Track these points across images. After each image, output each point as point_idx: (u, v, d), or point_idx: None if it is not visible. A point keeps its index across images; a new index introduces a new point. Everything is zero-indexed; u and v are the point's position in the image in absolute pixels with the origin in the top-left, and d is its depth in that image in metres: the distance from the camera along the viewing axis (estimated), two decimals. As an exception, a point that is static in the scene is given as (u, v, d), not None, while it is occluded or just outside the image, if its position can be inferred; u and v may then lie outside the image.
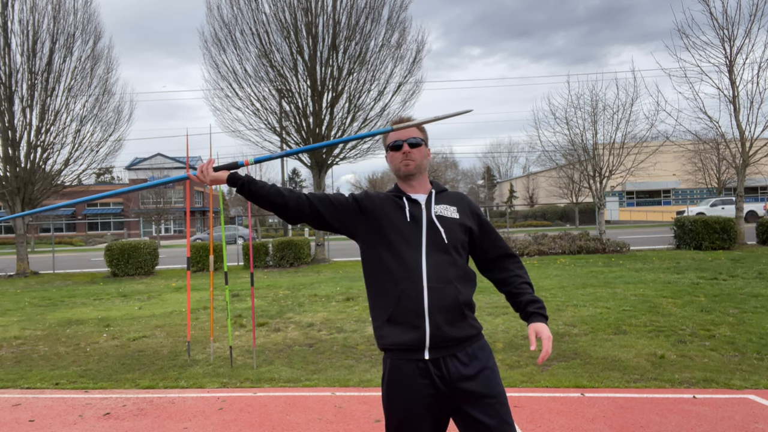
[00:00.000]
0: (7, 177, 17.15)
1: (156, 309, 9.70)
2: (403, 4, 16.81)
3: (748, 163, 16.88)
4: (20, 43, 16.83)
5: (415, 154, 2.17)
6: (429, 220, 2.10)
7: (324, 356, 6.02)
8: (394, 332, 2.01)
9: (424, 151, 2.22)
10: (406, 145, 2.16)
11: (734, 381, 4.64)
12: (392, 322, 2.02)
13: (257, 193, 2.10)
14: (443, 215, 2.12)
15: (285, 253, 16.30)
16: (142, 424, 4.29)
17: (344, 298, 9.75)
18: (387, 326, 2.04)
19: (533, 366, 5.27)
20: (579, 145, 17.96)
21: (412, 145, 2.17)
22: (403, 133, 2.19)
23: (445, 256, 2.05)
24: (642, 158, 17.43)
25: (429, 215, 2.11)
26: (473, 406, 1.97)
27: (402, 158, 2.17)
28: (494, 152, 73.49)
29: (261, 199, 2.10)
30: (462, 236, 2.13)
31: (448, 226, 2.10)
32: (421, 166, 2.20)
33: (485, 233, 2.22)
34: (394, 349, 2.04)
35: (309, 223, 2.15)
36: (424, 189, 2.22)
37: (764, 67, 15.98)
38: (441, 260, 2.03)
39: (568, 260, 14.64)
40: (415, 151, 2.18)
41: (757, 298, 8.15)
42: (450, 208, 2.16)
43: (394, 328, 2.01)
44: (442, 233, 2.07)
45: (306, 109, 16.87)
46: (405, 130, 2.18)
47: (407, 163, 2.17)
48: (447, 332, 1.98)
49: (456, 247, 2.09)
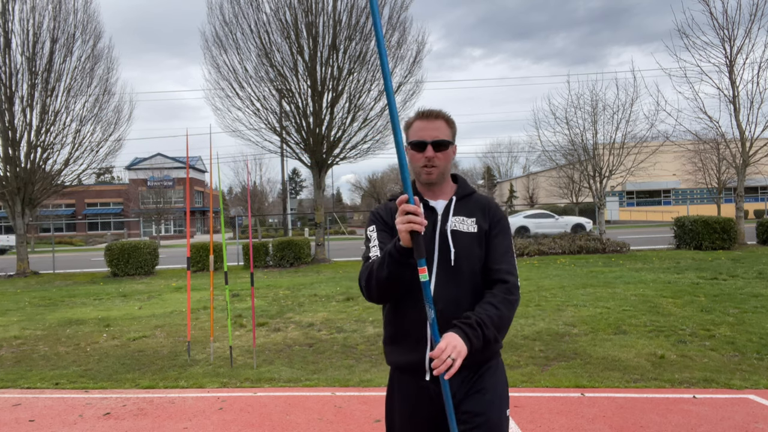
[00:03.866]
0: (7, 177, 17.15)
1: (156, 309, 9.70)
2: (403, 5, 16.82)
3: (748, 163, 16.88)
4: (20, 44, 16.85)
5: (439, 158, 1.87)
6: (442, 234, 1.85)
7: (324, 356, 6.02)
8: (396, 351, 1.91)
9: (450, 152, 1.91)
10: (430, 147, 1.85)
11: (734, 381, 4.64)
12: (394, 341, 1.91)
13: (403, 277, 1.73)
14: (458, 229, 1.86)
15: (285, 253, 16.30)
16: (142, 424, 4.29)
17: (344, 298, 9.75)
18: (389, 345, 1.94)
19: (533, 366, 5.27)
20: (579, 145, 17.98)
21: (437, 146, 1.86)
22: (429, 129, 1.87)
23: (454, 276, 1.82)
24: (642, 158, 17.44)
25: (443, 229, 1.86)
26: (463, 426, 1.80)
27: (423, 162, 1.87)
28: (494, 152, 73.45)
29: (401, 282, 1.75)
30: (479, 252, 1.86)
31: (462, 243, 1.84)
32: (446, 171, 1.92)
33: (491, 244, 1.89)
34: (396, 367, 1.95)
35: None
36: (446, 194, 1.95)
37: (764, 67, 15.99)
38: (450, 281, 1.82)
39: (568, 260, 14.64)
40: (440, 155, 1.87)
41: (757, 298, 8.15)
42: (468, 221, 1.88)
43: (396, 348, 1.90)
44: (452, 252, 1.82)
45: (306, 109, 16.87)
46: (432, 125, 1.87)
47: (430, 171, 1.88)
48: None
49: (469, 266, 1.84)
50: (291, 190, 63.31)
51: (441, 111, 1.91)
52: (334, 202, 73.01)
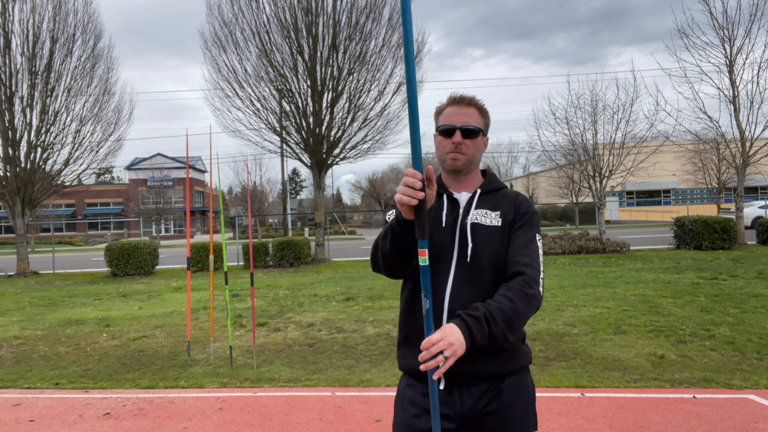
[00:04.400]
0: (7, 177, 17.15)
1: (156, 309, 9.70)
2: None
3: (748, 163, 16.87)
4: (20, 44, 16.85)
5: (467, 146, 1.75)
6: (462, 227, 1.71)
7: (324, 356, 6.02)
8: (409, 355, 1.73)
9: (480, 142, 1.79)
10: (458, 133, 1.73)
11: (734, 381, 4.64)
12: (408, 344, 1.76)
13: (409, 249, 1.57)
14: (480, 222, 1.71)
15: (285, 253, 16.30)
16: (142, 424, 4.29)
17: (344, 298, 9.75)
18: (402, 348, 1.80)
19: (533, 366, 5.27)
20: (579, 145, 17.97)
21: (466, 133, 1.74)
22: (460, 114, 1.75)
23: (473, 274, 1.67)
24: (642, 158, 17.43)
25: (463, 222, 1.72)
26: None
27: (450, 148, 1.75)
28: (494, 152, 73.39)
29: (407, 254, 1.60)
30: (500, 247, 1.70)
31: (483, 237, 1.69)
32: (473, 161, 1.79)
33: (512, 236, 1.72)
34: (408, 373, 1.79)
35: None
36: (471, 186, 1.81)
37: (764, 67, 15.99)
38: (468, 279, 1.67)
39: (568, 260, 14.64)
40: (469, 142, 1.75)
41: (757, 298, 8.15)
42: (492, 214, 1.73)
43: (409, 351, 1.73)
44: (469, 248, 1.68)
45: (306, 109, 16.87)
46: (462, 111, 1.76)
47: (456, 157, 1.75)
48: (466, 367, 1.61)
49: (491, 263, 1.68)
50: (291, 190, 63.29)
51: (474, 98, 1.79)
52: (334, 202, 73.01)
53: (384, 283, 11.53)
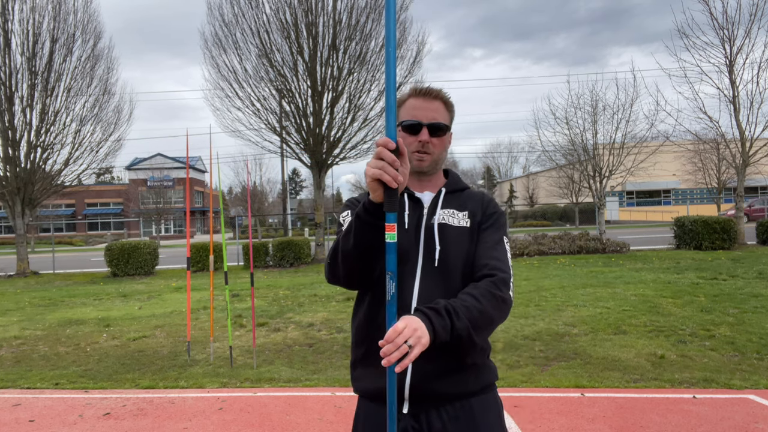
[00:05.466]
0: (7, 177, 17.15)
1: (156, 309, 9.70)
2: (404, 5, 16.81)
3: (748, 163, 16.87)
4: (20, 44, 16.85)
5: (435, 144, 1.59)
6: (428, 229, 1.55)
7: (324, 356, 6.02)
8: (367, 375, 1.54)
9: (446, 139, 1.64)
10: (425, 130, 1.57)
11: (734, 381, 4.64)
12: (367, 361, 1.54)
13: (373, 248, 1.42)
14: (447, 223, 1.57)
15: (285, 253, 16.29)
16: (142, 424, 4.29)
17: (344, 298, 9.75)
18: (360, 366, 1.58)
19: (533, 366, 5.27)
20: (579, 145, 17.97)
21: (434, 130, 1.58)
22: (426, 109, 1.58)
23: (441, 279, 1.51)
24: (642, 158, 17.43)
25: (429, 223, 1.56)
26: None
27: (416, 147, 1.58)
28: (494, 152, 73.49)
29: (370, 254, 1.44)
30: (469, 248, 1.56)
31: (451, 238, 1.55)
32: (440, 161, 1.64)
33: (481, 236, 1.59)
34: (367, 396, 1.58)
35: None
36: (434, 186, 1.66)
37: (764, 67, 15.98)
38: (436, 284, 1.50)
39: (568, 260, 14.64)
40: (436, 140, 1.59)
41: (757, 298, 8.15)
42: (459, 214, 1.59)
43: (368, 370, 1.53)
44: (437, 251, 1.52)
45: (306, 109, 16.87)
46: (428, 105, 1.59)
47: (421, 157, 1.59)
48: (435, 385, 1.47)
49: (460, 266, 1.54)
50: (291, 190, 63.27)
51: (441, 90, 1.63)
52: (334, 202, 72.98)
53: (384, 283, 11.52)
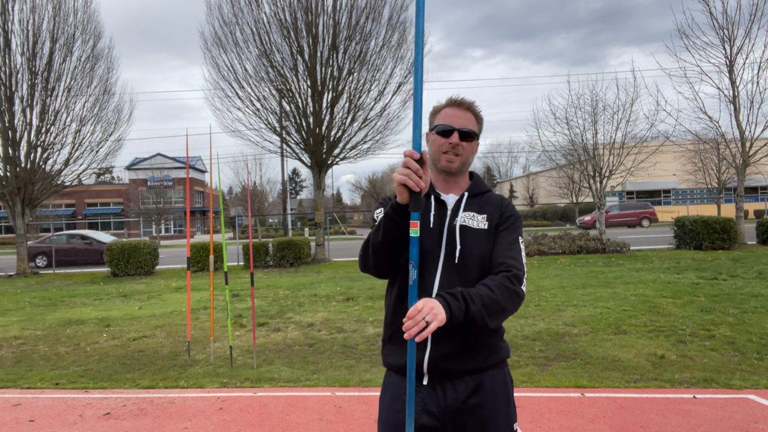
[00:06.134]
0: (7, 177, 17.16)
1: (156, 309, 9.70)
2: (403, 5, 16.80)
3: (748, 163, 16.88)
4: (20, 44, 16.86)
5: (464, 148, 1.80)
6: (450, 230, 1.77)
7: (324, 356, 6.02)
8: (394, 353, 1.80)
9: (474, 145, 1.84)
10: (456, 134, 1.77)
11: (734, 381, 4.64)
12: (393, 341, 1.80)
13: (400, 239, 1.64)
14: (468, 225, 1.77)
15: (285, 253, 16.30)
16: (142, 424, 4.29)
17: (344, 298, 9.75)
18: (389, 344, 1.85)
19: (533, 366, 5.27)
20: (579, 145, 17.96)
21: (464, 135, 1.79)
22: (459, 117, 1.80)
23: (460, 275, 1.72)
24: (642, 158, 17.43)
25: (451, 224, 1.78)
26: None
27: (447, 148, 1.79)
28: (494, 152, 73.47)
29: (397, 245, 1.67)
30: (486, 249, 1.77)
31: (470, 239, 1.75)
32: (467, 164, 1.84)
33: (498, 237, 1.80)
34: (393, 369, 1.84)
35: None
36: (458, 188, 1.86)
37: (764, 67, 15.99)
38: (455, 280, 1.71)
39: (568, 260, 14.64)
40: (466, 144, 1.80)
41: (757, 298, 8.15)
42: (478, 217, 1.79)
43: (395, 348, 1.79)
44: (457, 249, 1.73)
45: (306, 109, 16.87)
46: (461, 114, 1.80)
47: (451, 159, 1.79)
48: (449, 363, 1.72)
49: (478, 264, 1.74)
50: (291, 190, 63.27)
51: (473, 103, 1.85)
52: (334, 202, 72.99)
53: (384, 283, 11.52)
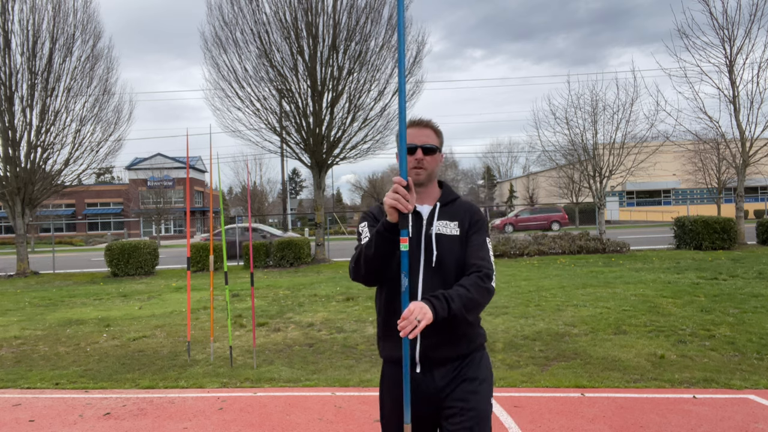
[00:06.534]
0: (7, 177, 17.15)
1: (156, 309, 9.70)
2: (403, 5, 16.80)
3: (748, 163, 16.88)
4: (20, 43, 16.84)
5: (427, 161, 2.05)
6: (427, 238, 2.00)
7: (324, 356, 6.02)
8: (389, 347, 2.05)
9: (437, 157, 2.10)
10: (420, 150, 2.03)
11: (734, 381, 4.64)
12: (387, 337, 2.05)
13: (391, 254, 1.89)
14: (442, 233, 2.01)
15: (285, 253, 16.30)
16: (142, 424, 4.29)
17: (344, 298, 9.75)
18: (383, 340, 2.09)
19: (533, 366, 5.27)
20: (579, 145, 17.96)
21: (426, 150, 2.04)
22: (419, 135, 2.06)
23: (440, 277, 1.96)
24: (642, 158, 17.43)
25: (428, 232, 2.00)
26: (449, 417, 1.95)
27: (413, 164, 2.04)
28: (494, 152, 73.48)
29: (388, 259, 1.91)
30: (460, 254, 2.01)
31: (445, 246, 1.99)
32: (432, 175, 2.10)
33: (468, 240, 2.04)
34: (389, 360, 2.09)
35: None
36: (431, 198, 2.10)
37: (764, 67, 16.00)
38: (436, 282, 1.96)
39: (568, 260, 14.64)
40: (429, 158, 2.06)
41: (757, 298, 8.15)
42: (451, 224, 2.03)
43: (389, 343, 2.04)
44: (434, 255, 1.97)
45: (306, 109, 16.86)
46: (421, 132, 2.07)
47: (417, 172, 2.05)
48: (437, 353, 1.98)
49: (454, 265, 1.99)
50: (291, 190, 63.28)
51: (430, 121, 2.11)
52: (334, 202, 72.96)
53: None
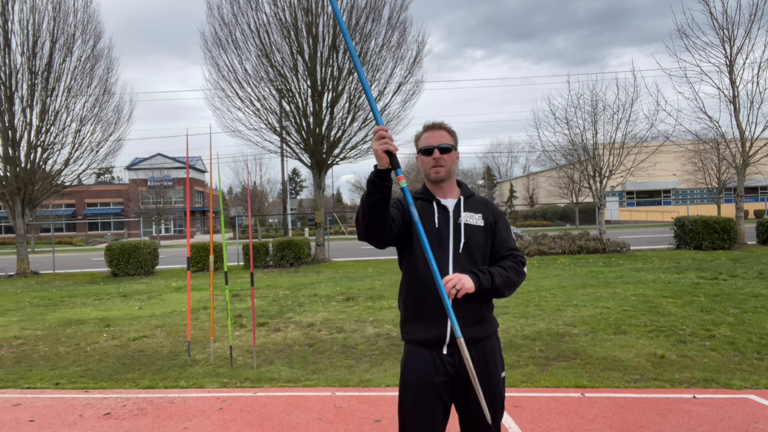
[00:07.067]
0: (7, 177, 17.15)
1: (156, 309, 9.70)
2: (403, 5, 16.80)
3: (748, 163, 16.88)
4: (20, 43, 16.85)
5: (445, 159, 2.26)
6: (456, 227, 2.22)
7: (324, 356, 6.02)
8: (418, 329, 2.20)
9: (453, 155, 2.31)
10: (436, 150, 2.25)
11: (734, 381, 4.64)
12: (416, 319, 2.20)
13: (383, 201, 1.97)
14: (469, 223, 2.24)
15: (285, 253, 16.30)
16: (142, 424, 4.29)
17: (344, 298, 9.75)
18: (411, 323, 2.23)
19: (533, 366, 5.27)
20: (579, 145, 17.96)
21: (442, 150, 2.26)
22: (435, 137, 2.28)
23: (469, 262, 2.18)
24: (642, 158, 17.43)
25: (456, 222, 2.23)
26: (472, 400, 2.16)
27: (432, 163, 2.26)
28: (494, 152, 73.48)
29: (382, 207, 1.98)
30: (484, 242, 2.25)
31: (472, 234, 2.22)
32: (451, 171, 2.30)
33: (498, 232, 2.30)
34: (416, 343, 2.21)
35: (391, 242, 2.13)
36: (453, 193, 2.32)
37: (764, 67, 16.00)
38: (465, 266, 2.16)
39: (568, 260, 14.64)
40: (446, 156, 2.26)
41: (757, 298, 8.15)
42: (475, 216, 2.27)
43: (418, 325, 2.19)
44: (462, 242, 2.19)
45: (306, 109, 16.86)
46: (436, 134, 2.28)
47: (437, 170, 2.26)
48: (467, 332, 2.11)
49: (480, 253, 2.22)
50: (291, 190, 63.26)
51: (443, 123, 2.32)
52: (334, 202, 72.95)
53: (384, 284, 11.53)
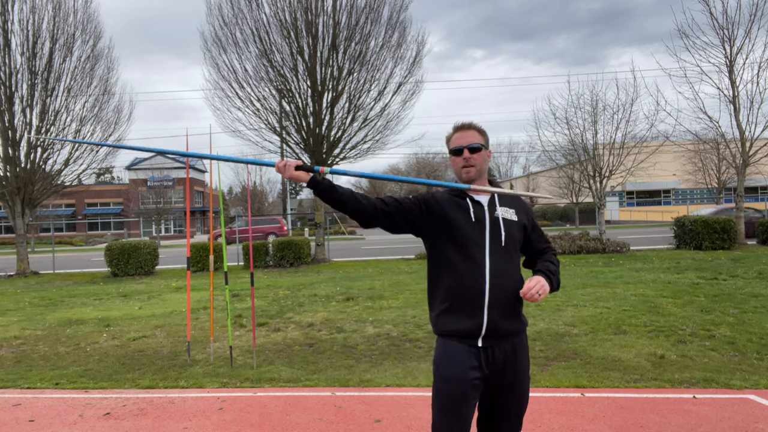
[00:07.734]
0: (7, 177, 17.15)
1: (156, 309, 9.69)
2: (403, 4, 16.80)
3: (748, 163, 16.88)
4: (20, 43, 16.83)
5: (475, 159, 2.30)
6: (492, 221, 2.27)
7: (324, 356, 6.02)
8: (454, 320, 2.22)
9: (484, 154, 2.35)
10: (466, 150, 2.29)
11: (734, 381, 4.64)
12: (452, 311, 2.23)
13: (337, 199, 2.19)
14: (505, 217, 2.30)
15: (285, 253, 16.29)
16: (142, 424, 4.29)
17: (344, 298, 9.75)
18: (446, 315, 2.25)
19: (533, 366, 5.27)
20: (579, 145, 17.95)
21: (472, 150, 2.30)
22: (464, 138, 2.32)
23: (505, 255, 2.24)
24: (642, 158, 17.42)
25: (492, 217, 2.28)
26: (500, 395, 2.26)
27: (462, 163, 2.30)
28: (494, 152, 73.41)
29: (339, 203, 2.21)
30: (519, 237, 2.33)
31: (508, 228, 2.28)
32: (482, 170, 2.33)
33: (534, 229, 2.41)
34: (451, 335, 2.24)
35: (381, 225, 2.26)
36: (485, 191, 2.36)
37: (764, 67, 15.99)
38: (502, 259, 2.23)
39: (568, 260, 14.64)
40: (476, 156, 2.30)
41: (757, 298, 8.15)
42: (510, 211, 2.34)
43: (454, 317, 2.22)
44: (503, 235, 2.26)
45: (306, 109, 16.86)
46: (465, 134, 2.32)
47: (468, 170, 2.30)
48: (501, 325, 2.20)
49: (515, 246, 2.31)
50: (291, 190, 63.23)
51: (473, 122, 2.37)
52: (334, 202, 72.80)
53: (384, 284, 11.53)
